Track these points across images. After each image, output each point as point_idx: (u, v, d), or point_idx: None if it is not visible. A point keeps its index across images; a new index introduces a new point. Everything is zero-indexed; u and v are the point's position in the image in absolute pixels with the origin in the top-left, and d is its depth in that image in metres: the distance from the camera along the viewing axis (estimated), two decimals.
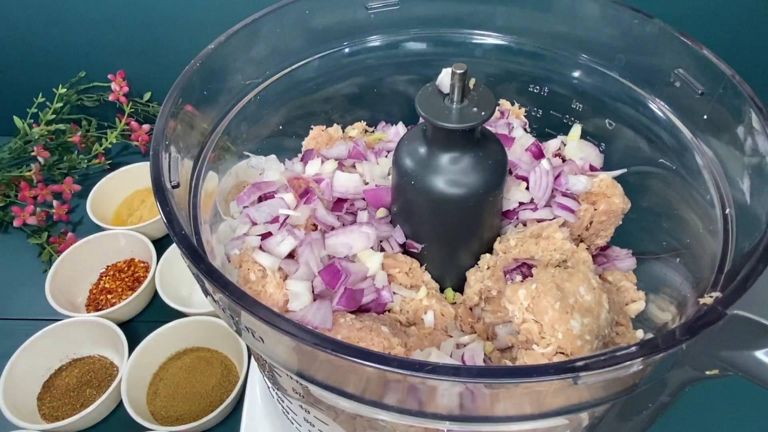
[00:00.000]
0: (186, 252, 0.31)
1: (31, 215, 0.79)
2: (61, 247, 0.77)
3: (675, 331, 0.27)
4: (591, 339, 0.34)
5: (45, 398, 0.64)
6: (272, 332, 0.28)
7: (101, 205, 0.82)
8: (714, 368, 0.30)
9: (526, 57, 0.52)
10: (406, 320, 0.42)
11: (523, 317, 0.35)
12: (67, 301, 0.71)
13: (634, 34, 0.45)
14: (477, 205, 0.40)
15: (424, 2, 0.51)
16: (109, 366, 0.67)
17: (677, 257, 0.43)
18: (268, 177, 0.47)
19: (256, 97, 0.47)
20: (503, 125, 0.52)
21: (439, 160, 0.38)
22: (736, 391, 0.63)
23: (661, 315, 0.43)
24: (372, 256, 0.41)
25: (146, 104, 0.92)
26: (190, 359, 0.66)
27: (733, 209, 0.38)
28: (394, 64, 0.54)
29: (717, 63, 0.40)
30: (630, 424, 0.37)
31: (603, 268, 0.47)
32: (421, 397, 0.28)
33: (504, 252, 0.43)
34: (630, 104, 0.47)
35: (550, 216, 0.45)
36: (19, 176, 0.82)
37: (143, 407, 0.62)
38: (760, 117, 0.37)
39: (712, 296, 0.31)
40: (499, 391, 0.28)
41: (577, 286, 0.35)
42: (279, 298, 0.39)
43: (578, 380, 0.26)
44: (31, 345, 0.64)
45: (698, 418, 0.61)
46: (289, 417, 0.45)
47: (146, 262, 0.76)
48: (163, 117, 0.37)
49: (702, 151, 0.42)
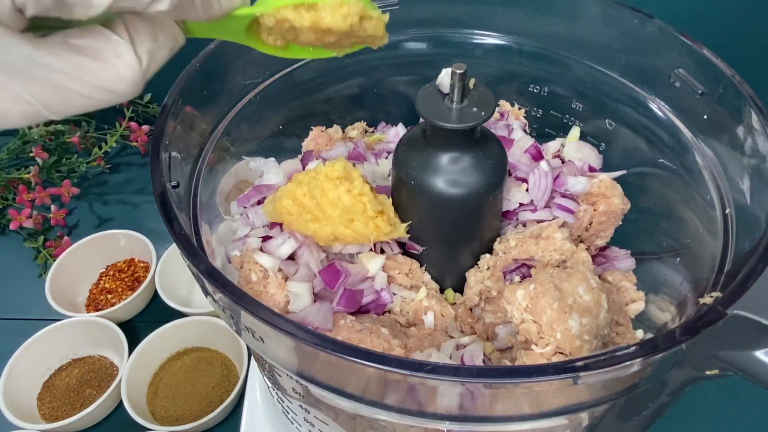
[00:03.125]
0: (186, 252, 0.31)
1: (27, 218, 0.79)
2: (57, 251, 0.77)
3: (675, 331, 0.27)
4: (590, 339, 0.34)
5: (45, 398, 0.64)
6: (272, 332, 0.28)
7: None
8: (714, 368, 0.30)
9: (526, 57, 0.52)
10: (406, 321, 0.42)
11: (522, 317, 0.35)
12: (67, 301, 0.71)
13: (634, 34, 0.45)
14: (477, 206, 0.40)
15: (424, 2, 0.51)
16: (109, 366, 0.67)
17: (677, 257, 0.43)
18: (268, 180, 0.47)
19: (256, 97, 0.47)
20: (503, 127, 0.52)
21: (439, 160, 0.38)
22: (736, 391, 0.63)
23: (661, 315, 0.43)
24: (373, 259, 0.41)
25: (146, 105, 0.92)
26: (190, 359, 0.66)
27: (733, 209, 0.38)
28: (394, 65, 0.54)
29: (717, 63, 0.40)
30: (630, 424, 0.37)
31: (602, 268, 0.47)
32: (421, 397, 0.28)
33: (504, 252, 0.43)
34: (630, 104, 0.47)
35: (550, 217, 0.45)
36: (18, 178, 0.82)
37: (143, 407, 0.62)
38: (760, 117, 0.37)
39: (712, 296, 0.31)
40: (499, 391, 0.28)
41: (576, 286, 0.35)
42: (280, 299, 0.39)
43: (578, 380, 0.26)
44: (31, 345, 0.64)
45: (698, 418, 0.61)
46: (289, 417, 0.45)
47: (146, 262, 0.76)
48: (163, 118, 0.37)
49: (702, 151, 0.42)
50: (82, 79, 0.24)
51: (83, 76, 0.24)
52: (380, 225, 0.39)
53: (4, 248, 0.82)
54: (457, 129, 0.36)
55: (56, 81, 0.23)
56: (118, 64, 0.24)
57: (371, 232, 0.39)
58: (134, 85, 0.25)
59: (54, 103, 0.24)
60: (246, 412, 0.57)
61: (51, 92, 0.24)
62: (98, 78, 0.24)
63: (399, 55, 0.53)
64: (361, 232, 0.39)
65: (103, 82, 0.24)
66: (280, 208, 0.40)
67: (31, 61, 0.23)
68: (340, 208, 0.38)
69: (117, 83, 0.24)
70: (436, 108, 0.37)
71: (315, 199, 0.39)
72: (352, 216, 0.38)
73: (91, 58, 0.24)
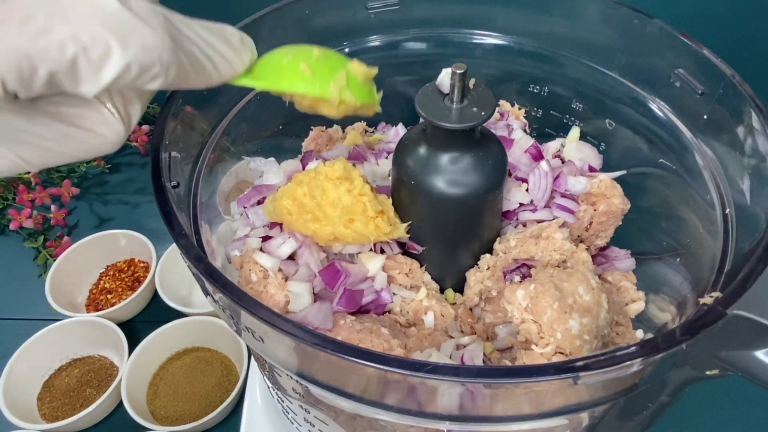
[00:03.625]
0: (186, 252, 0.31)
1: (27, 218, 0.79)
2: (57, 251, 0.77)
3: (675, 331, 0.27)
4: (590, 339, 0.34)
5: (45, 398, 0.64)
6: (272, 332, 0.28)
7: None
8: (714, 368, 0.30)
9: (526, 57, 0.52)
10: (406, 321, 0.42)
11: (522, 317, 0.35)
12: (67, 301, 0.71)
13: (634, 34, 0.45)
14: (477, 206, 0.40)
15: (424, 2, 0.51)
16: (109, 366, 0.67)
17: (677, 257, 0.43)
18: (268, 180, 0.47)
19: (256, 97, 0.47)
20: (503, 127, 0.52)
21: (439, 160, 0.38)
22: (736, 391, 0.63)
23: (661, 315, 0.43)
24: (373, 259, 0.41)
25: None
26: (190, 359, 0.66)
27: (733, 209, 0.38)
28: (394, 65, 0.54)
29: (717, 63, 0.40)
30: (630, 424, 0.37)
31: (602, 268, 0.47)
32: (421, 397, 0.28)
33: (504, 252, 0.43)
34: (630, 104, 0.47)
35: (550, 217, 0.45)
36: (18, 178, 0.82)
37: (143, 407, 0.62)
38: (760, 117, 0.37)
39: (712, 296, 0.31)
40: (499, 391, 0.28)
41: (576, 286, 0.35)
42: (280, 299, 0.39)
43: (578, 380, 0.26)
44: (31, 345, 0.64)
45: (698, 418, 0.61)
46: (289, 417, 0.45)
47: (146, 262, 0.76)
48: (163, 118, 0.37)
49: (702, 151, 0.42)
50: (69, 145, 0.24)
51: (70, 143, 0.24)
52: (380, 225, 0.39)
53: (4, 248, 0.82)
54: (457, 129, 0.36)
55: (44, 146, 0.24)
56: (107, 133, 0.25)
57: (371, 232, 0.39)
58: (119, 144, 0.26)
59: (37, 161, 0.24)
60: (246, 412, 0.57)
61: (37, 154, 0.24)
62: (86, 145, 0.24)
63: (399, 55, 0.53)
64: (361, 232, 0.39)
65: (90, 147, 0.25)
66: (280, 208, 0.40)
67: (19, 130, 0.23)
68: (340, 208, 0.38)
69: (103, 147, 0.25)
70: (436, 108, 0.37)
71: (315, 199, 0.39)
72: (352, 216, 0.38)
73: (80, 127, 0.24)
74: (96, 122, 0.24)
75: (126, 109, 0.25)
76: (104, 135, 0.25)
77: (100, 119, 0.24)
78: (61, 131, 0.24)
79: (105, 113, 0.24)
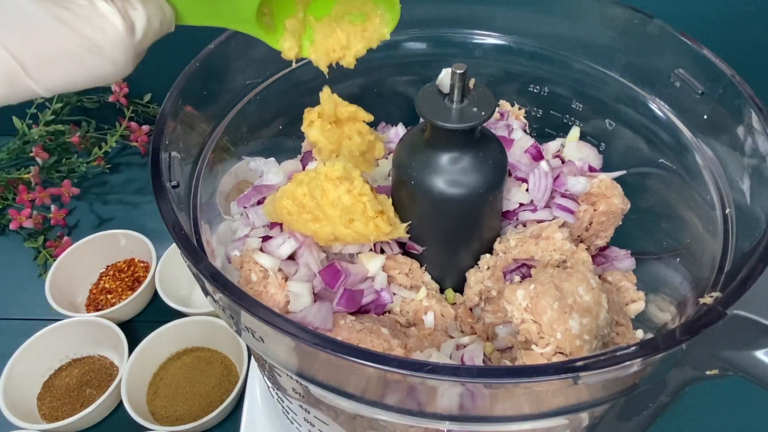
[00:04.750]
0: (186, 252, 0.31)
1: (27, 218, 0.79)
2: (57, 251, 0.77)
3: (675, 331, 0.27)
4: (590, 339, 0.34)
5: (45, 398, 0.64)
6: (272, 332, 0.28)
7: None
8: (714, 368, 0.30)
9: (526, 57, 0.52)
10: (406, 321, 0.42)
11: (522, 317, 0.35)
12: (67, 301, 0.71)
13: (634, 34, 0.45)
14: (477, 206, 0.40)
15: (424, 2, 0.51)
16: (109, 366, 0.67)
17: (677, 257, 0.43)
18: (268, 180, 0.47)
19: (256, 97, 0.47)
20: (503, 127, 0.52)
21: (439, 160, 0.38)
22: (736, 391, 0.63)
23: (661, 315, 0.43)
24: (373, 259, 0.41)
25: (146, 105, 0.91)
26: (190, 359, 0.66)
27: (733, 209, 0.38)
28: (394, 65, 0.54)
29: (717, 63, 0.40)
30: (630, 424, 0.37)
31: (602, 268, 0.47)
32: (421, 397, 0.28)
33: (504, 252, 0.43)
34: (630, 104, 0.47)
35: (550, 217, 0.45)
36: (18, 178, 0.82)
37: (143, 407, 0.62)
38: (760, 117, 0.37)
39: (712, 296, 0.31)
40: (499, 391, 0.28)
41: (576, 286, 0.35)
42: (280, 299, 0.39)
43: (578, 380, 0.26)
44: (31, 345, 0.64)
45: (698, 418, 0.61)
46: (289, 417, 0.45)
47: (146, 262, 0.76)
48: (163, 118, 0.37)
49: (702, 151, 0.42)
50: (65, 36, 0.23)
51: (66, 33, 0.23)
52: (380, 225, 0.39)
53: (4, 248, 0.82)
54: (457, 129, 0.36)
55: (39, 32, 0.23)
56: (105, 26, 0.24)
57: (371, 232, 0.39)
58: (124, 51, 0.24)
59: (34, 63, 0.23)
60: (246, 412, 0.57)
61: (30, 47, 0.23)
62: (84, 39, 0.23)
63: (399, 55, 0.53)
64: (361, 232, 0.39)
65: (90, 44, 0.23)
66: (280, 208, 0.40)
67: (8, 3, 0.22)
68: (340, 208, 0.38)
69: (105, 47, 0.24)
70: (436, 108, 0.37)
71: (315, 199, 0.39)
72: (352, 216, 0.38)
73: (75, 14, 0.23)
74: (92, 11, 0.24)
75: (126, 10, 0.24)
76: (101, 27, 0.24)
77: (97, 9, 0.24)
78: (55, 14, 0.23)
79: (100, 4, 0.24)
